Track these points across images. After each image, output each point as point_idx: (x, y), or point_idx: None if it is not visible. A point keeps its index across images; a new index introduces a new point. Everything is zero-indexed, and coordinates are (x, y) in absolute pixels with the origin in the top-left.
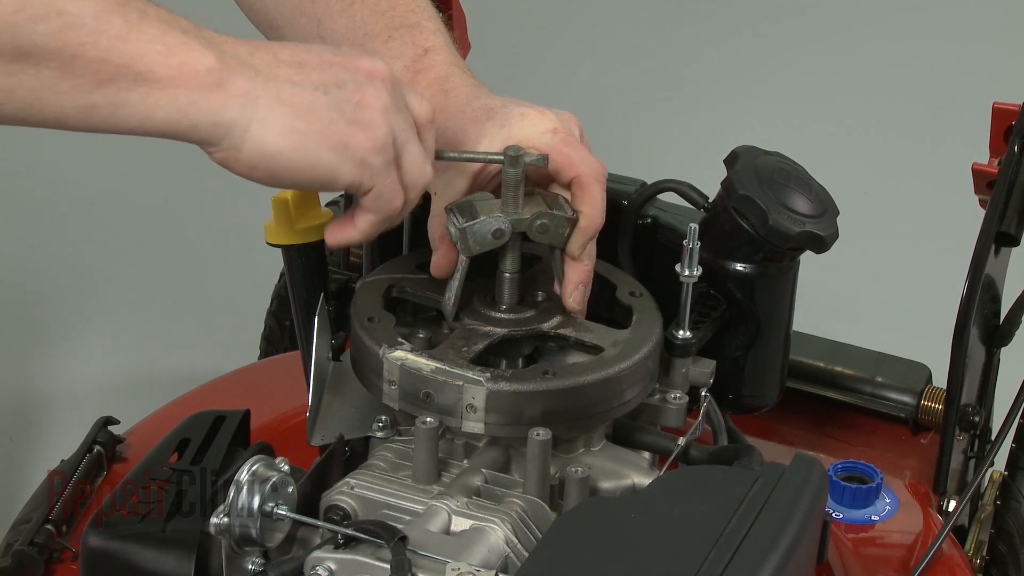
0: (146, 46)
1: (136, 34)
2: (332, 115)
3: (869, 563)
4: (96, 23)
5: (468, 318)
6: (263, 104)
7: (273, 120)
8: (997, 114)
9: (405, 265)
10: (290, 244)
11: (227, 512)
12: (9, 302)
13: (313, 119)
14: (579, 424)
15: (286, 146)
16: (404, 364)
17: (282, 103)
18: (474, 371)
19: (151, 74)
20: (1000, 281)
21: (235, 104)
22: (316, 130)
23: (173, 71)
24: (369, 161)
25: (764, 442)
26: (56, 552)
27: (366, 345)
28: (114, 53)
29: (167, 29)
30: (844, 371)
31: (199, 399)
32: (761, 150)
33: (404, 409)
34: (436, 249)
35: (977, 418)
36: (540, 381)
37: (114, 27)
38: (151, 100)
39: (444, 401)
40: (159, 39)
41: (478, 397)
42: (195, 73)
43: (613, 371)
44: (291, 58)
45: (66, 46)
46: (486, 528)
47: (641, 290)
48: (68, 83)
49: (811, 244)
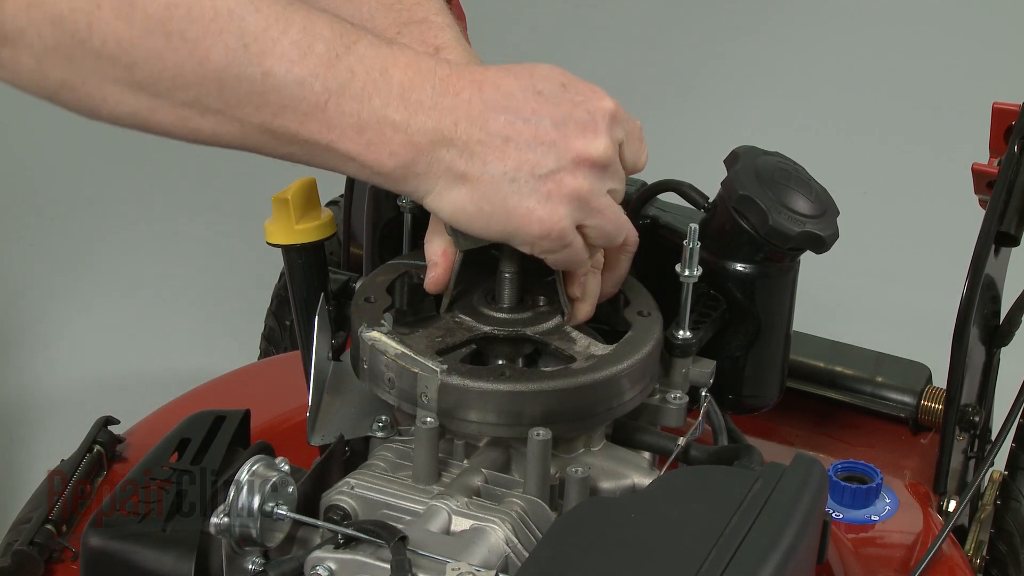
0: (340, 119)
1: (334, 104)
2: (510, 201)
3: (869, 563)
4: (298, 89)
5: (460, 312)
6: (443, 182)
7: (448, 195)
8: (997, 114)
9: (406, 265)
10: (290, 244)
11: (227, 512)
12: (9, 302)
13: (486, 203)
14: (525, 430)
15: (457, 216)
16: (375, 344)
17: (464, 182)
18: (433, 361)
19: (340, 148)
20: (1000, 281)
21: (414, 181)
22: (486, 212)
23: (361, 148)
24: (538, 244)
25: (764, 442)
26: (56, 552)
27: (353, 324)
28: (307, 125)
29: (366, 98)
30: (844, 371)
31: (199, 399)
32: (761, 150)
33: (374, 391)
34: (435, 266)
35: (977, 418)
36: (494, 381)
37: (314, 94)
38: (341, 164)
39: (404, 387)
40: (355, 113)
41: (431, 387)
42: (379, 159)
43: (571, 382)
44: (501, 130)
45: (268, 106)
46: (486, 528)
47: (651, 309)
48: (267, 140)
49: (811, 244)
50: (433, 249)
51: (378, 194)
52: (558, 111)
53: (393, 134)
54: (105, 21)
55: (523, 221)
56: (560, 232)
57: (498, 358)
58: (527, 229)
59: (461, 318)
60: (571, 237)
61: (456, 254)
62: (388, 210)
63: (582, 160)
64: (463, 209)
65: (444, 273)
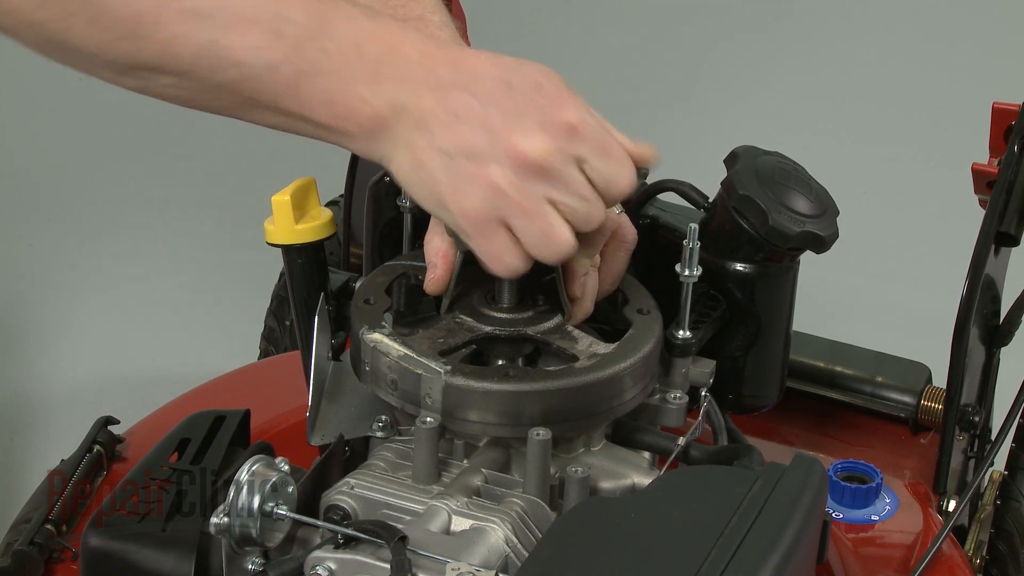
0: (311, 96)
1: (306, 83)
2: (439, 175)
3: (869, 563)
4: (270, 73)
5: (461, 313)
6: (400, 149)
7: (399, 160)
8: (997, 114)
9: (404, 266)
10: (290, 244)
11: (227, 512)
12: (9, 302)
13: (424, 172)
14: (525, 430)
15: (402, 182)
16: (377, 347)
17: (411, 150)
18: (436, 362)
19: (313, 119)
20: (1000, 281)
21: (379, 148)
22: (421, 181)
23: (332, 120)
24: (460, 226)
25: (764, 442)
26: (56, 552)
27: (353, 326)
28: (281, 103)
29: (336, 74)
30: (844, 371)
31: (199, 399)
32: (761, 150)
33: (377, 393)
34: (435, 267)
35: (977, 418)
36: (499, 381)
37: (285, 76)
38: (316, 133)
39: (407, 388)
40: (325, 89)
41: (435, 388)
42: (348, 128)
43: (575, 381)
44: (455, 107)
45: (242, 91)
46: (486, 528)
47: (651, 308)
48: (245, 113)
49: (811, 244)
50: (433, 250)
51: (378, 194)
52: (514, 105)
53: (360, 106)
54: (79, 28)
55: (444, 196)
56: (475, 218)
57: (499, 358)
58: (446, 205)
59: (462, 318)
60: (489, 228)
61: (456, 255)
62: (388, 210)
63: (515, 156)
64: (406, 175)
65: (444, 274)
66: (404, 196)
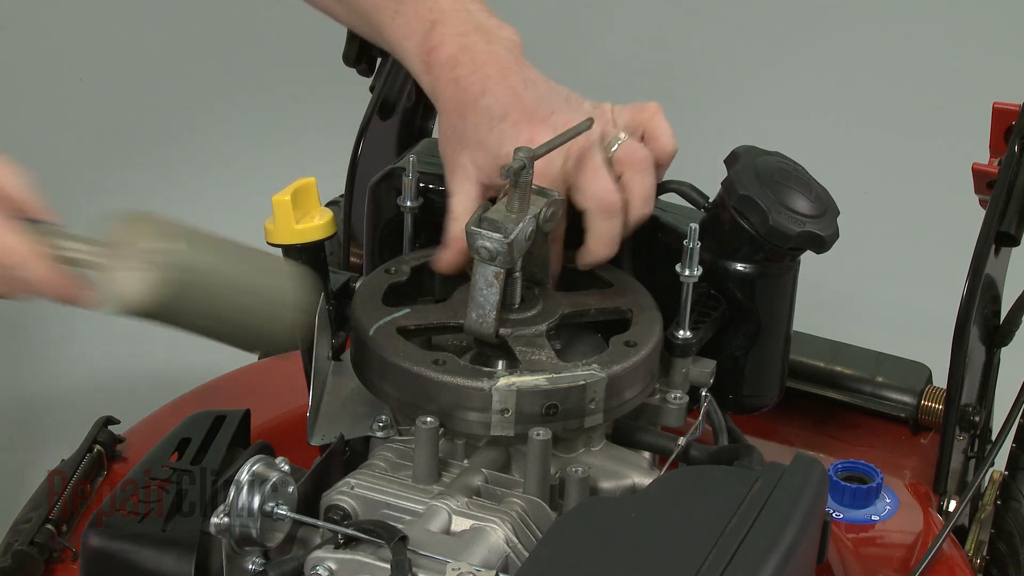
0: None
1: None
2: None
3: (869, 563)
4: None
5: (509, 328)
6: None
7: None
8: (997, 114)
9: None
10: (290, 244)
11: (227, 512)
12: (10, 302)
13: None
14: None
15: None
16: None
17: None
18: (581, 367)
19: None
20: (1000, 281)
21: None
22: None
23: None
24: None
25: (764, 442)
26: (56, 552)
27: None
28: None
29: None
30: (844, 371)
31: (199, 399)
32: (761, 150)
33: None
34: (449, 247)
35: (977, 418)
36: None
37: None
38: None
39: (567, 405)
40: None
41: (599, 389)
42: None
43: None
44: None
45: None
46: (486, 528)
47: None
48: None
49: (811, 244)
50: (453, 231)
51: (378, 194)
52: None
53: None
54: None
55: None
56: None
57: (496, 358)
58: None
59: (520, 331)
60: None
61: (500, 274)
62: (388, 210)
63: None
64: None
65: (459, 258)
66: (404, 196)
